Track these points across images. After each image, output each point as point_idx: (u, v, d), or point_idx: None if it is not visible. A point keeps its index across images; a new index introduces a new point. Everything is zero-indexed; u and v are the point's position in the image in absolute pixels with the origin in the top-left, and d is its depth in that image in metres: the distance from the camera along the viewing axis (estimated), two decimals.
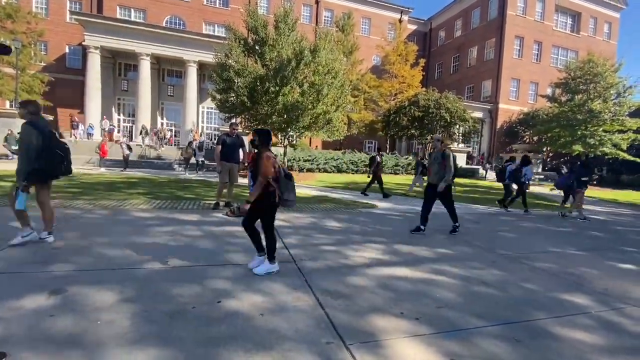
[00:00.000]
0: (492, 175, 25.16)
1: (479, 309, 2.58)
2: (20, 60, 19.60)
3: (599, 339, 2.25)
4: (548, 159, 31.76)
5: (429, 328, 2.21)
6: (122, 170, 15.32)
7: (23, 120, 3.43)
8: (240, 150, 6.65)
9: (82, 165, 16.96)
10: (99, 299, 2.34)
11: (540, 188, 18.53)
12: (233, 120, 7.27)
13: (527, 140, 30.56)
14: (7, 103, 23.72)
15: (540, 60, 32.33)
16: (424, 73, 30.00)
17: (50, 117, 21.94)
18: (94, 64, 23.58)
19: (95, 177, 11.69)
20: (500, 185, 9.83)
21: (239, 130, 19.65)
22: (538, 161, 28.97)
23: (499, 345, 2.06)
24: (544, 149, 28.92)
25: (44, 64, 25.00)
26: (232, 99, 15.53)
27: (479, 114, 30.34)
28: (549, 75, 31.42)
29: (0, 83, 19.61)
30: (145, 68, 24.43)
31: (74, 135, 22.21)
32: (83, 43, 23.97)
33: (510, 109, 31.30)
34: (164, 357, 1.73)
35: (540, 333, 2.26)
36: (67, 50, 27.49)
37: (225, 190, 6.73)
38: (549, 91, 30.13)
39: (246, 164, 6.55)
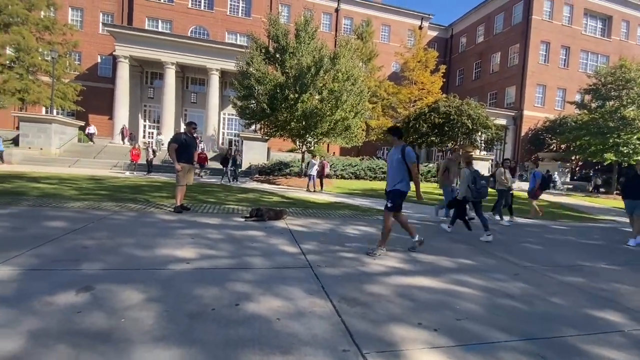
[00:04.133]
0: (516, 184, 24.29)
1: (501, 322, 2.49)
2: (56, 69, 20.84)
3: (632, 359, 2.12)
4: (577, 168, 30.40)
5: (448, 340, 2.16)
6: (145, 174, 15.90)
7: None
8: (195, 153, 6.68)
9: (110, 168, 17.72)
10: (124, 298, 2.43)
11: (569, 199, 17.72)
12: (192, 120, 7.28)
13: (554, 148, 29.37)
14: (43, 109, 25.20)
15: (567, 66, 31.16)
16: (444, 79, 29.54)
17: (82, 123, 23.13)
18: (123, 72, 24.76)
19: (122, 180, 12.19)
20: (523, 195, 9.47)
21: (258, 135, 19.97)
22: (566, 170, 27.77)
23: None
24: (573, 158, 27.69)
25: (78, 73, 26.42)
26: (252, 105, 15.88)
27: (502, 121, 29.48)
28: (577, 81, 30.19)
29: (38, 91, 20.89)
30: (170, 76, 25.40)
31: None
32: (114, 53, 25.22)
33: (535, 115, 30.25)
34: (185, 356, 1.78)
35: (568, 350, 2.15)
36: (99, 60, 28.97)
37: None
38: (577, 97, 28.93)
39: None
